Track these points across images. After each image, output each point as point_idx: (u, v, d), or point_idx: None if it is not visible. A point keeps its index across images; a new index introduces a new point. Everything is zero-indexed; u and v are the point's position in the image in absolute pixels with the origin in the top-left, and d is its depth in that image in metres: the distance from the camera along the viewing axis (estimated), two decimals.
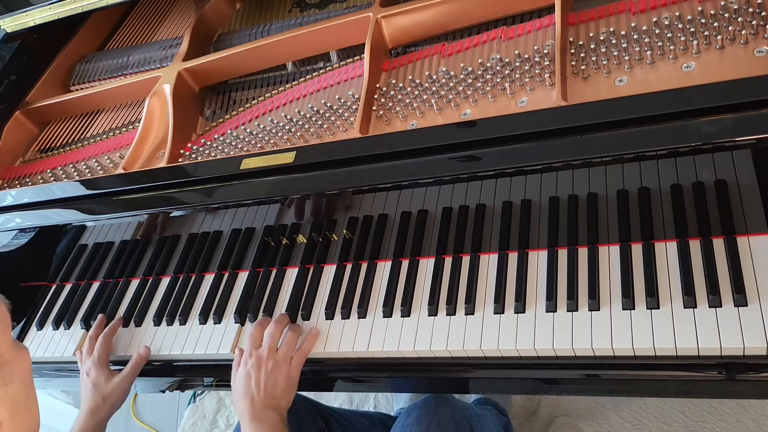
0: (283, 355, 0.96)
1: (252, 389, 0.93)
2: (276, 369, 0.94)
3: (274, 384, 0.93)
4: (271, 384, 0.93)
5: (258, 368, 0.94)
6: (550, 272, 0.91)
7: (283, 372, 0.94)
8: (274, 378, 0.93)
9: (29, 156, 1.43)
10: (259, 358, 0.95)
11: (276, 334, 0.98)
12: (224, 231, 1.12)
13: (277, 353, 0.96)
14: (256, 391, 0.92)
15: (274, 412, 0.91)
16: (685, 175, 0.81)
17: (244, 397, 0.93)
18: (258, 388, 0.93)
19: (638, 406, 1.48)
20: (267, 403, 0.92)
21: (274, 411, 0.91)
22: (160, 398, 2.07)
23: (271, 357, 0.95)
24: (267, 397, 0.92)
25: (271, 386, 0.93)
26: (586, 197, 0.88)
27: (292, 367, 0.96)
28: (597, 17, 0.99)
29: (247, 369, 0.95)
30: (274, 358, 0.95)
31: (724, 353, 0.77)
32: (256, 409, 0.91)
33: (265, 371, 0.94)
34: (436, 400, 1.04)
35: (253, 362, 0.95)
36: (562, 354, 0.85)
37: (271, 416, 0.91)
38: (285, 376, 0.94)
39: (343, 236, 1.05)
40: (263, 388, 0.93)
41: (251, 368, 0.95)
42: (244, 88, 1.29)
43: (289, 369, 0.95)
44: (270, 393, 0.92)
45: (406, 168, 0.92)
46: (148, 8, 1.56)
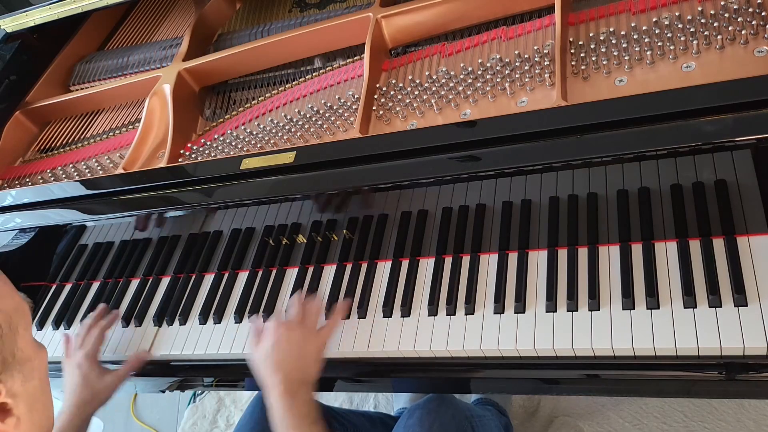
0: (310, 326, 0.94)
1: (282, 360, 0.89)
2: (305, 338, 0.92)
3: (305, 353, 0.90)
4: (303, 354, 0.90)
5: (287, 338, 0.91)
6: (550, 272, 0.91)
7: (311, 341, 0.92)
8: (304, 346, 0.91)
9: (29, 156, 1.43)
10: (288, 328, 0.92)
11: (298, 304, 0.96)
12: (224, 231, 1.12)
13: (304, 324, 0.94)
14: (287, 362, 0.89)
15: (306, 388, 0.88)
16: (685, 175, 0.81)
17: (276, 369, 0.89)
18: (289, 358, 0.90)
19: (638, 406, 1.48)
20: (298, 377, 0.89)
21: (306, 386, 0.89)
22: (160, 398, 2.07)
23: (298, 327, 0.93)
24: (299, 370, 0.89)
25: (303, 356, 0.90)
26: (586, 197, 0.88)
27: (320, 338, 0.93)
28: (597, 17, 0.99)
29: (277, 337, 0.91)
30: (301, 328, 0.93)
31: (724, 353, 0.77)
32: (290, 382, 0.87)
33: (295, 340, 0.91)
34: (437, 401, 1.04)
35: (281, 332, 0.92)
36: (562, 354, 0.85)
37: (304, 392, 0.88)
38: (314, 345, 0.92)
39: (343, 236, 1.05)
40: (296, 357, 0.90)
41: (281, 336, 0.91)
42: (244, 88, 1.29)
43: (317, 339, 0.93)
44: (302, 363, 0.90)
45: (406, 168, 0.92)
46: (148, 8, 1.56)
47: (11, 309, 0.63)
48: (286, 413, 0.86)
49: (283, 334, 0.91)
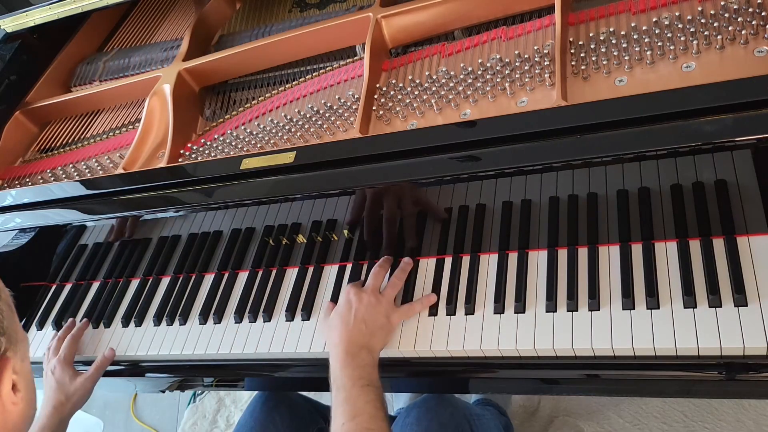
0: (387, 296, 0.93)
1: (350, 319, 0.90)
2: (378, 305, 0.91)
3: (374, 319, 0.90)
4: (371, 318, 0.90)
5: (359, 300, 0.92)
6: (550, 272, 0.91)
7: (383, 310, 0.91)
8: (374, 312, 0.90)
9: (29, 156, 1.43)
10: (362, 291, 0.93)
11: (380, 275, 0.96)
12: (224, 231, 1.12)
13: (382, 293, 0.94)
14: (354, 322, 0.89)
15: (367, 353, 0.87)
16: (685, 175, 0.81)
17: (342, 327, 0.89)
18: (357, 318, 0.90)
19: (638, 406, 1.48)
20: (362, 340, 0.88)
21: (367, 351, 0.88)
22: (160, 398, 2.07)
23: (374, 293, 0.93)
24: (365, 332, 0.89)
25: (371, 320, 0.90)
26: (586, 197, 0.88)
27: (395, 314, 0.93)
28: (597, 17, 0.99)
29: (348, 297, 0.92)
30: (377, 296, 0.93)
31: (724, 353, 0.77)
32: (352, 343, 0.87)
33: (367, 304, 0.91)
34: (436, 400, 1.04)
35: (354, 292, 0.92)
36: (562, 354, 0.85)
37: (364, 355, 0.87)
38: (384, 314, 0.91)
39: (343, 236, 1.05)
40: (362, 319, 0.89)
41: (353, 297, 0.92)
42: (244, 88, 1.29)
43: (390, 311, 0.92)
44: (369, 328, 0.89)
45: (406, 168, 0.92)
46: (148, 8, 1.56)
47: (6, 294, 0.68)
48: (342, 371, 0.86)
49: (355, 294, 0.93)
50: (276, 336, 1.04)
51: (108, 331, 1.19)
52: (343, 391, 0.84)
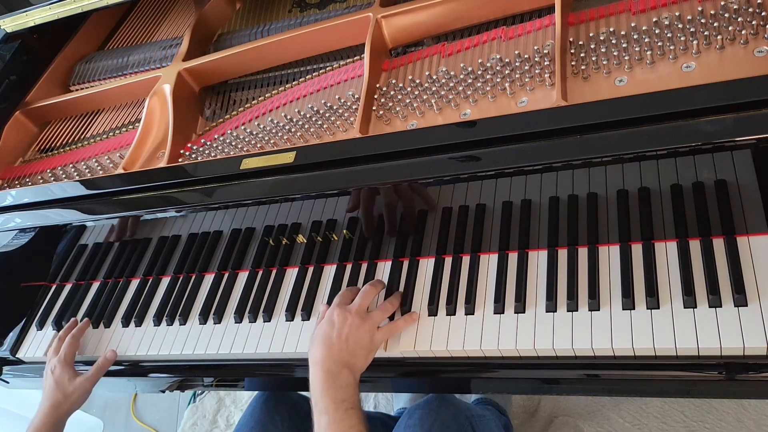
0: (373, 318, 0.92)
1: (332, 338, 0.89)
2: (362, 326, 0.90)
3: (356, 340, 0.89)
4: (353, 339, 0.89)
5: (344, 320, 0.90)
6: (550, 272, 0.91)
7: (367, 332, 0.90)
8: (357, 334, 0.89)
9: (29, 156, 1.43)
10: (347, 311, 0.92)
11: (369, 294, 0.95)
12: (224, 231, 1.12)
13: (369, 314, 0.92)
14: (336, 341, 0.88)
15: (348, 372, 0.87)
16: (685, 175, 0.81)
17: (322, 344, 0.89)
18: (339, 338, 0.89)
19: (638, 406, 1.48)
20: (343, 359, 0.87)
21: (348, 370, 0.87)
22: (160, 398, 2.07)
23: (359, 314, 0.91)
24: (345, 351, 0.88)
25: (353, 341, 0.89)
26: (586, 197, 0.88)
27: (378, 333, 0.92)
28: (597, 17, 0.99)
29: (332, 317, 0.91)
30: (362, 316, 0.91)
31: (724, 353, 0.77)
32: (332, 362, 0.87)
33: (350, 324, 0.90)
34: (438, 401, 1.04)
35: (339, 312, 0.91)
36: (562, 354, 0.86)
37: (345, 375, 0.86)
38: (369, 336, 0.90)
39: (343, 236, 1.05)
40: (344, 339, 0.88)
41: (336, 317, 0.91)
42: (244, 88, 1.29)
43: (374, 332, 0.91)
44: (350, 348, 0.88)
45: (406, 168, 0.92)
46: (148, 8, 1.56)
47: None
48: (324, 393, 0.85)
49: (340, 314, 0.91)
50: (276, 336, 1.04)
51: (108, 331, 1.19)
52: (326, 415, 0.83)
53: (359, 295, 0.95)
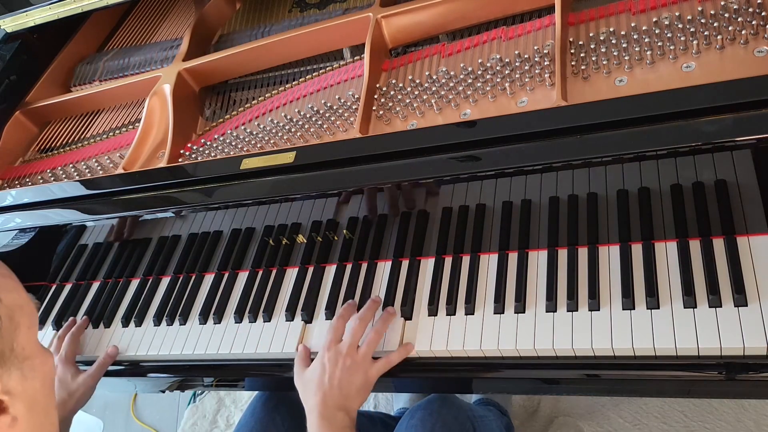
0: (363, 355, 0.91)
1: (325, 384, 0.88)
2: (354, 367, 0.89)
3: (349, 382, 0.88)
4: (346, 382, 0.88)
5: (335, 363, 0.89)
6: (550, 272, 0.91)
7: (360, 372, 0.89)
8: (350, 376, 0.89)
9: (29, 156, 1.43)
10: (338, 353, 0.90)
11: (358, 331, 0.93)
12: (224, 231, 1.12)
13: (357, 352, 0.91)
14: (329, 387, 0.88)
15: (344, 414, 0.87)
16: (685, 175, 0.81)
17: (317, 391, 0.88)
18: (332, 383, 0.88)
19: (638, 406, 1.48)
20: (338, 402, 0.87)
21: (344, 413, 0.87)
22: (160, 398, 2.07)
23: (350, 354, 0.90)
24: (339, 396, 0.87)
25: (346, 384, 0.88)
26: (586, 197, 0.88)
27: (372, 370, 0.91)
28: (597, 17, 0.99)
29: (323, 361, 0.90)
30: (353, 357, 0.90)
31: (724, 353, 0.77)
32: (327, 407, 0.86)
33: (342, 367, 0.89)
34: (440, 402, 1.04)
35: (330, 356, 0.90)
36: (562, 354, 0.85)
37: (341, 418, 0.86)
38: (362, 376, 0.89)
39: (343, 236, 1.05)
40: (337, 384, 0.88)
41: (327, 361, 0.90)
42: (244, 88, 1.29)
43: (367, 370, 0.90)
44: (344, 391, 0.88)
45: (406, 168, 0.92)
46: (148, 8, 1.56)
47: (14, 304, 0.62)
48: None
49: (331, 358, 0.90)
50: (276, 336, 1.04)
51: (108, 331, 1.19)
52: None
53: (348, 333, 0.93)
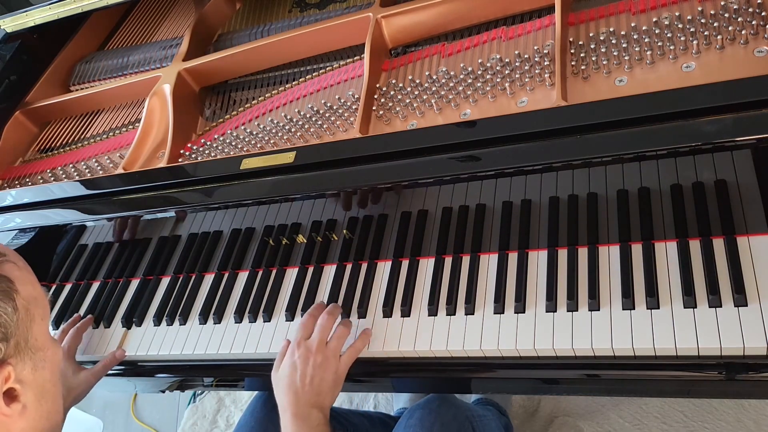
0: (333, 350, 0.91)
1: (296, 382, 0.89)
2: (325, 364, 0.90)
3: (321, 380, 0.89)
4: (318, 379, 0.89)
5: (305, 360, 0.90)
6: (550, 272, 0.91)
7: (331, 368, 0.90)
8: (321, 373, 0.89)
9: (29, 156, 1.43)
10: (308, 350, 0.90)
11: (327, 327, 0.94)
12: (224, 231, 1.12)
13: (327, 347, 0.91)
14: (300, 385, 0.88)
15: (318, 412, 0.87)
16: (685, 175, 0.81)
17: (288, 390, 0.89)
18: (303, 382, 0.89)
19: (638, 406, 1.48)
20: (311, 400, 0.88)
21: (318, 410, 0.87)
22: (160, 398, 2.07)
23: (320, 350, 0.91)
24: (312, 393, 0.88)
25: (318, 382, 0.89)
26: (586, 197, 0.88)
27: (341, 364, 0.92)
28: (597, 17, 0.99)
29: (294, 359, 0.90)
30: (324, 353, 0.91)
31: (724, 353, 0.77)
32: (300, 406, 0.87)
33: (313, 365, 0.89)
34: (439, 401, 1.04)
35: (301, 353, 0.90)
36: (562, 354, 0.85)
37: (315, 416, 0.87)
38: (333, 372, 0.90)
39: (343, 236, 1.05)
40: (309, 382, 0.88)
41: (298, 359, 0.90)
42: (244, 88, 1.29)
43: (337, 365, 0.91)
44: (316, 389, 0.88)
45: (406, 168, 0.92)
46: (148, 8, 1.56)
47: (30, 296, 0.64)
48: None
49: (302, 356, 0.90)
50: (276, 336, 1.04)
51: (108, 331, 1.19)
52: None
53: (317, 329, 0.93)
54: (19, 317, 0.62)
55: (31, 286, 0.66)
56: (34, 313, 0.65)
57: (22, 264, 0.67)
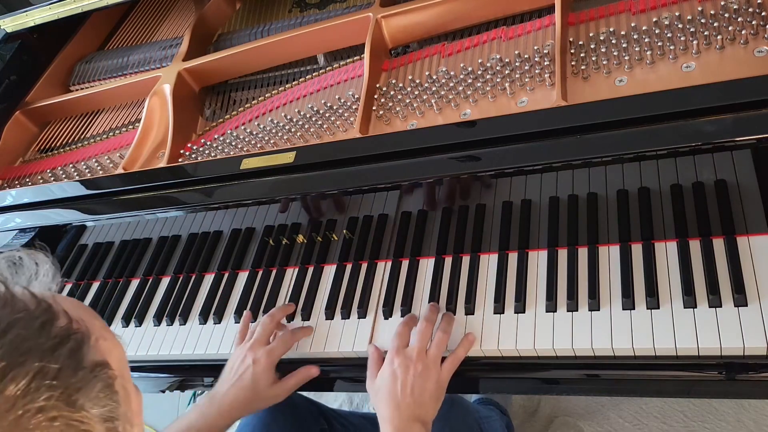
0: (434, 358, 0.87)
1: (398, 393, 0.84)
2: (426, 373, 0.85)
3: (422, 390, 0.84)
4: (419, 390, 0.84)
5: (406, 370, 0.85)
6: (550, 272, 0.91)
7: (432, 377, 0.85)
8: (423, 383, 0.84)
9: (29, 156, 1.43)
10: (408, 359, 0.86)
11: (426, 334, 0.89)
12: (224, 231, 1.12)
13: (427, 356, 0.86)
14: (401, 396, 0.83)
15: (420, 426, 0.82)
16: (685, 175, 0.81)
17: (389, 402, 0.84)
18: (404, 392, 0.84)
19: (638, 406, 1.48)
20: (413, 413, 0.83)
21: (420, 424, 0.82)
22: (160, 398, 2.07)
23: (420, 359, 0.86)
24: (414, 405, 0.83)
25: (419, 392, 0.84)
26: (586, 197, 0.88)
27: (443, 372, 0.87)
28: (597, 17, 0.99)
29: (393, 368, 0.85)
30: (424, 361, 0.86)
31: (724, 353, 0.77)
32: (402, 419, 0.82)
33: (413, 374, 0.84)
34: (447, 405, 1.03)
35: (400, 362, 0.86)
36: (562, 354, 0.85)
37: (417, 429, 0.82)
38: (434, 381, 0.85)
39: (343, 236, 1.05)
40: (410, 393, 0.84)
41: (398, 368, 0.85)
42: (244, 88, 1.29)
43: (439, 374, 0.86)
44: (417, 400, 0.83)
45: (406, 168, 0.92)
46: (148, 8, 1.56)
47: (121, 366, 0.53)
48: None
49: (401, 364, 0.86)
50: None
51: None
52: None
53: (416, 337, 0.88)
54: (120, 399, 0.51)
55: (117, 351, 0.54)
56: (128, 388, 0.54)
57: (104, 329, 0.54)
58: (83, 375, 0.47)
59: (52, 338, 0.46)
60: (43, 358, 0.45)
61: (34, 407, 0.43)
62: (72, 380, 0.46)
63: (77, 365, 0.47)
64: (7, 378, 0.43)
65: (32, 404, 0.43)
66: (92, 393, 0.47)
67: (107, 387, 0.49)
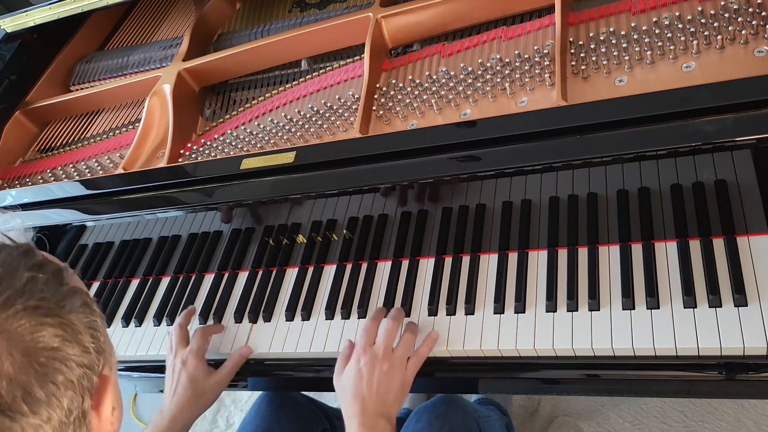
0: (400, 358, 0.88)
1: (363, 390, 0.85)
2: (391, 371, 0.87)
3: (387, 388, 0.86)
4: (384, 388, 0.86)
5: (371, 368, 0.86)
6: (550, 272, 0.91)
7: (397, 376, 0.87)
8: (388, 381, 0.86)
9: (29, 156, 1.43)
10: (374, 357, 0.87)
11: (392, 332, 0.90)
12: (224, 231, 1.12)
13: (394, 355, 0.88)
14: (367, 393, 0.85)
15: (385, 422, 0.84)
16: (685, 175, 0.81)
17: (355, 399, 0.85)
18: (370, 390, 0.85)
19: (638, 406, 1.48)
20: (378, 409, 0.85)
21: (385, 420, 0.84)
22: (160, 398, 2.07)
23: (386, 357, 0.87)
24: (379, 402, 0.85)
25: (384, 390, 0.86)
26: (586, 197, 0.88)
27: (408, 371, 0.88)
28: (597, 17, 0.99)
29: (360, 366, 0.87)
30: (390, 360, 0.87)
31: (724, 353, 0.77)
32: (367, 415, 0.84)
33: (379, 372, 0.86)
34: (446, 404, 1.03)
35: (366, 360, 0.87)
36: (562, 354, 0.86)
37: (382, 426, 0.84)
38: (399, 380, 0.87)
39: (343, 236, 1.05)
40: (376, 391, 0.85)
41: (364, 366, 0.87)
42: (244, 88, 1.29)
43: (404, 373, 0.88)
44: (382, 397, 0.85)
45: (406, 168, 0.92)
46: (148, 8, 1.56)
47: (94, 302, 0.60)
48: None
49: (368, 363, 0.87)
50: (276, 336, 1.04)
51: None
52: None
53: (382, 335, 0.90)
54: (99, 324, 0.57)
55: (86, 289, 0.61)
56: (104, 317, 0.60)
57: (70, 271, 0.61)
58: (67, 290, 0.54)
59: (37, 260, 0.53)
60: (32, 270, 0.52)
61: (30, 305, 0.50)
62: (59, 290, 0.53)
63: (60, 282, 0.54)
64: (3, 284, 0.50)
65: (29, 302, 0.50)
66: (75, 305, 0.53)
67: (86, 305, 0.55)
